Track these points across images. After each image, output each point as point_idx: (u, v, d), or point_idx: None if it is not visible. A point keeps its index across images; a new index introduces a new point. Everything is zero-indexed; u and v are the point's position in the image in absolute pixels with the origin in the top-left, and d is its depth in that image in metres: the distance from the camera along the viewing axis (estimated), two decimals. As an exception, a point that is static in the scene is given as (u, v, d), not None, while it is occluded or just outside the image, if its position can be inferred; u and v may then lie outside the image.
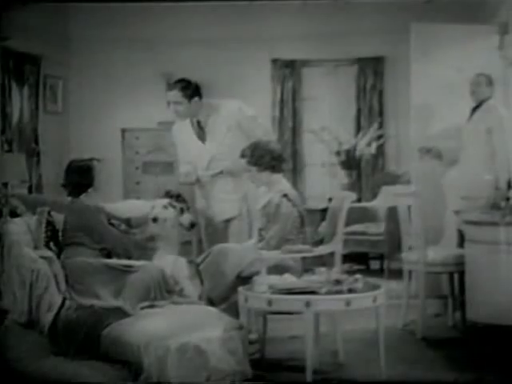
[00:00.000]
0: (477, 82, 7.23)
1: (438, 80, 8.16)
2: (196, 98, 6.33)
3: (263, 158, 5.89)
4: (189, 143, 6.50)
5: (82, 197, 5.68)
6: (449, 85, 7.64)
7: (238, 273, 5.63)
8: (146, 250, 5.70)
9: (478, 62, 7.84)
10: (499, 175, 7.10)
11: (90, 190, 5.68)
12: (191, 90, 6.32)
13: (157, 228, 5.84)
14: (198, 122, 6.43)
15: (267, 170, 5.91)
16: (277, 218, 5.83)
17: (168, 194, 6.04)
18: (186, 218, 5.92)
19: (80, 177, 5.69)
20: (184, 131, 6.50)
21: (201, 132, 6.45)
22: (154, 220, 5.83)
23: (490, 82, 7.21)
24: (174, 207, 5.92)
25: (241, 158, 5.97)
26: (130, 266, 5.51)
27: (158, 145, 10.12)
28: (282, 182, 6.00)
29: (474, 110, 7.22)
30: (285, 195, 5.84)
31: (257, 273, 5.37)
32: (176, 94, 6.32)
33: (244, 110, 6.42)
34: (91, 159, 5.77)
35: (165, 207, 5.89)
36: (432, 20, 8.51)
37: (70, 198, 5.70)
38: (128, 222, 5.85)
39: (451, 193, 7.24)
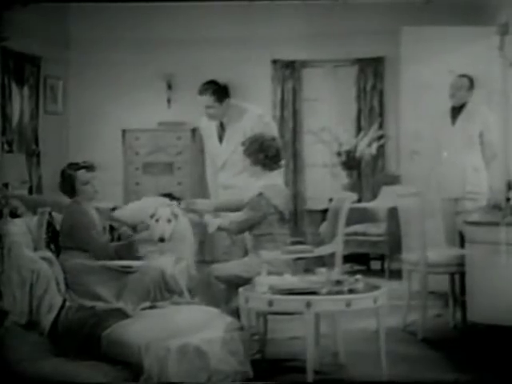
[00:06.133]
0: (458, 85, 7.27)
1: (428, 82, 8.20)
2: (226, 100, 6.38)
3: (258, 154, 5.86)
4: (210, 140, 6.59)
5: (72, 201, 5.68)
6: (439, 86, 7.67)
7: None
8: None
9: (472, 64, 7.88)
10: (494, 175, 7.18)
11: (76, 196, 5.66)
12: (222, 92, 6.36)
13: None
14: (221, 123, 6.49)
15: (259, 165, 5.88)
16: (247, 208, 5.79)
17: (170, 197, 6.00)
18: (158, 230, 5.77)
19: (62, 184, 5.68)
20: (209, 127, 6.56)
21: (222, 132, 6.50)
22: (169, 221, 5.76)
23: (471, 85, 7.26)
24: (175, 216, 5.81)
25: (241, 146, 5.96)
26: (128, 267, 5.50)
27: (158, 145, 10.12)
28: (269, 177, 5.91)
29: (455, 112, 7.27)
30: (260, 194, 5.78)
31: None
32: (208, 99, 6.34)
33: (263, 119, 6.49)
34: (80, 167, 5.69)
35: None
36: (431, 21, 8.53)
37: (70, 200, 5.71)
38: (134, 227, 5.81)
39: (443, 193, 7.29)
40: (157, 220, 5.67)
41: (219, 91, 6.35)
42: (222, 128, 6.50)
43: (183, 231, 5.80)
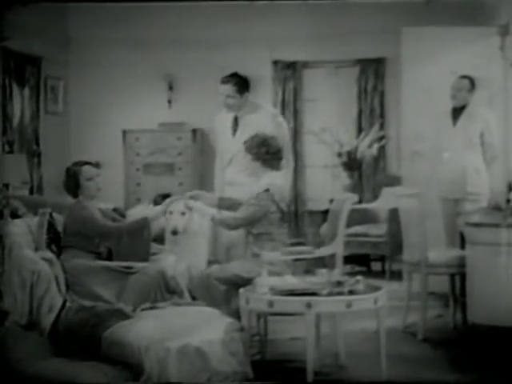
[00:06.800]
0: (459, 86, 7.28)
1: (429, 83, 8.19)
2: (246, 93, 6.53)
3: (259, 149, 5.87)
4: (224, 134, 6.66)
5: (74, 201, 5.69)
6: (440, 87, 7.67)
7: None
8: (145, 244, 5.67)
9: (473, 64, 7.88)
10: (495, 177, 7.19)
11: (79, 195, 5.68)
12: (243, 84, 6.52)
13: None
14: (236, 117, 6.59)
15: (259, 161, 5.89)
16: (251, 204, 5.77)
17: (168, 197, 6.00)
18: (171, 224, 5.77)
19: (66, 181, 5.71)
20: (224, 122, 6.66)
21: (235, 126, 6.60)
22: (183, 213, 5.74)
23: (472, 86, 7.26)
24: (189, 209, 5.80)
25: (243, 144, 5.99)
26: (129, 268, 5.51)
27: (159, 146, 10.13)
28: (270, 176, 5.90)
29: (456, 113, 7.28)
30: (266, 190, 5.78)
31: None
32: (230, 88, 6.48)
33: (277, 118, 6.61)
34: (85, 163, 5.75)
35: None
36: (432, 21, 8.52)
37: (73, 200, 5.73)
38: None
39: (443, 194, 7.30)
40: (170, 212, 5.68)
41: (241, 83, 6.51)
42: (235, 122, 6.60)
43: (197, 226, 5.81)
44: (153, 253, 5.83)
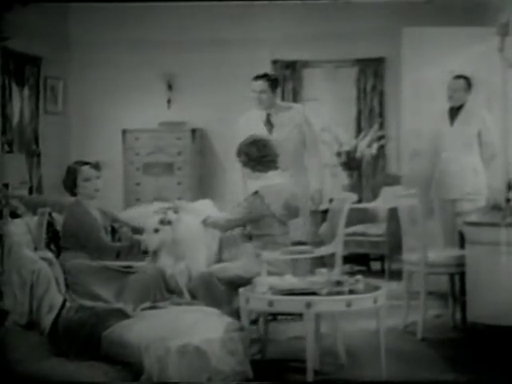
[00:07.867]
0: (454, 86, 7.27)
1: (429, 82, 8.20)
2: (276, 91, 6.86)
3: (245, 157, 5.89)
4: (255, 131, 6.64)
5: (73, 201, 5.69)
6: (440, 87, 7.67)
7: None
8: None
9: (473, 64, 7.88)
10: (494, 176, 7.19)
11: (77, 194, 5.68)
12: (275, 82, 6.87)
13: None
14: (269, 115, 6.81)
15: (246, 167, 5.91)
16: (242, 206, 5.79)
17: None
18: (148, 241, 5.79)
19: (65, 179, 5.72)
20: (253, 121, 6.84)
21: (269, 125, 6.82)
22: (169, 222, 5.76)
23: (468, 85, 7.26)
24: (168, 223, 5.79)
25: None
26: (129, 267, 5.51)
27: (159, 146, 10.13)
28: (266, 177, 5.89)
29: (453, 113, 7.28)
30: (255, 192, 5.79)
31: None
32: (263, 84, 6.78)
33: (304, 112, 6.94)
34: (85, 163, 5.75)
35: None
36: (432, 21, 8.53)
37: (72, 199, 5.73)
38: (140, 231, 5.81)
39: (441, 193, 7.31)
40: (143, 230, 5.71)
41: (272, 80, 6.84)
42: (268, 121, 6.81)
43: (183, 234, 5.80)
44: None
